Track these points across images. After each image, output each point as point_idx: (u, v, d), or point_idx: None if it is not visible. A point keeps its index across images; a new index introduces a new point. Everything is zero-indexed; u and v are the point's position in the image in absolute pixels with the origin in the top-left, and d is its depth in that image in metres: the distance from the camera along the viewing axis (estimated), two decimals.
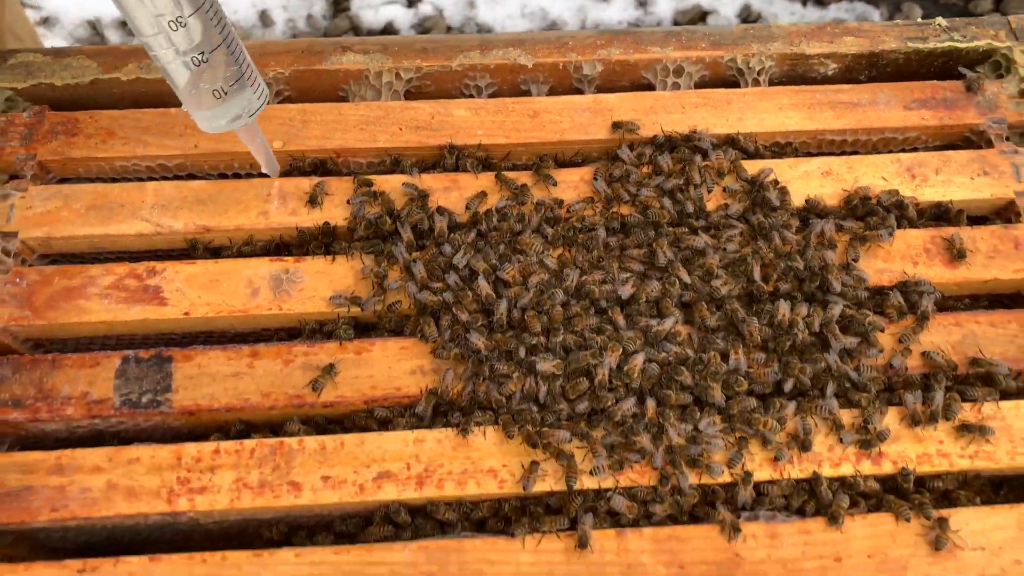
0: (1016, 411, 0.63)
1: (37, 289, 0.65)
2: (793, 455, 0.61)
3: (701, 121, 0.73)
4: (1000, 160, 0.72)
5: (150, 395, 0.62)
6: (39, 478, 0.59)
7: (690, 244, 0.65)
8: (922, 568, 0.58)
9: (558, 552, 0.58)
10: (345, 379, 0.63)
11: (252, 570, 0.56)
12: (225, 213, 0.69)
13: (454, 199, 0.70)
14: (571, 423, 0.61)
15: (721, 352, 0.62)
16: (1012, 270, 0.68)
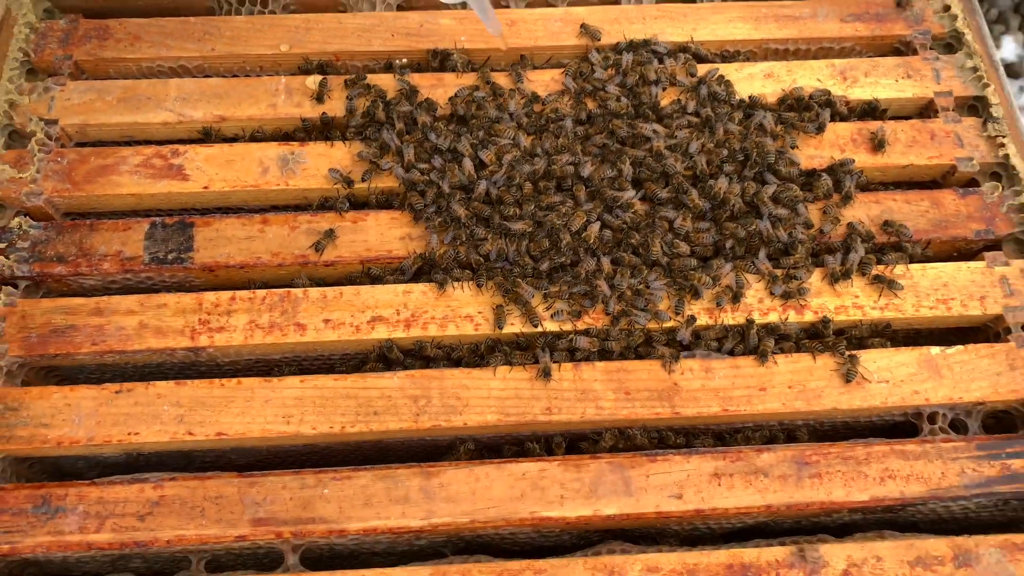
0: (922, 272, 0.72)
1: (76, 167, 0.75)
2: (728, 306, 0.70)
3: (660, 31, 0.83)
4: (923, 65, 0.82)
5: (175, 253, 0.72)
6: (81, 319, 0.69)
7: (641, 131, 0.75)
8: (834, 397, 0.68)
9: (524, 380, 0.68)
10: (343, 243, 0.73)
11: (263, 393, 0.67)
12: (239, 105, 0.78)
13: (439, 95, 0.79)
14: (535, 279, 0.70)
15: (668, 218, 0.72)
16: (927, 156, 0.77)
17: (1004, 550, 0.63)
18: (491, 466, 0.65)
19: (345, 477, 0.64)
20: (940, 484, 0.65)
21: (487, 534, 0.65)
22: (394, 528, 0.63)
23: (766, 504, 0.64)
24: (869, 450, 0.66)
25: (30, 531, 0.62)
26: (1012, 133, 0.78)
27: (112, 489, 0.64)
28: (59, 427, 0.65)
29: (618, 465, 0.65)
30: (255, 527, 0.63)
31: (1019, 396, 0.68)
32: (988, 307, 0.71)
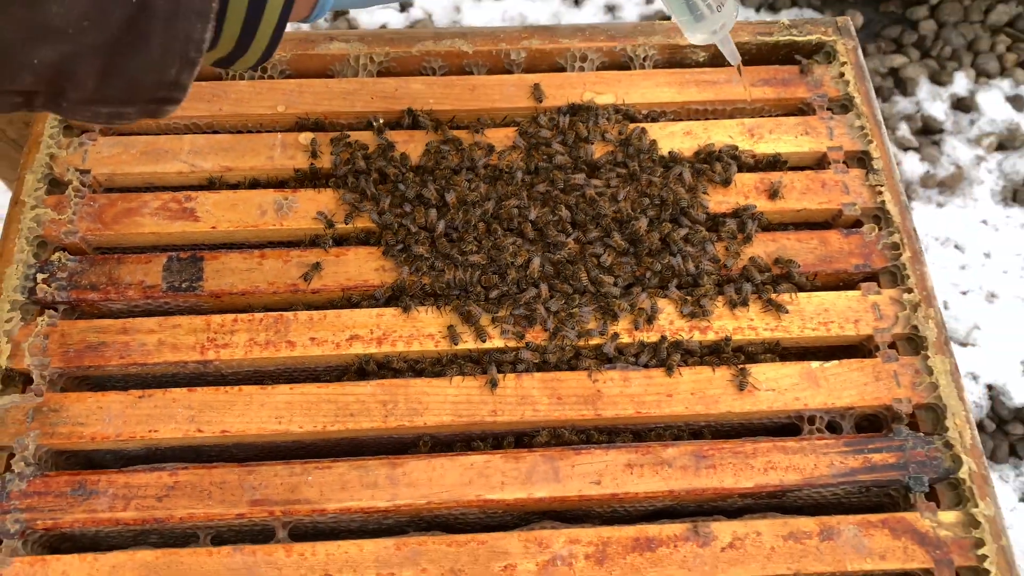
0: (808, 299, 0.87)
1: (105, 209, 0.90)
2: (644, 326, 0.85)
3: (598, 94, 0.98)
4: (819, 124, 0.97)
5: (187, 283, 0.87)
6: (110, 336, 0.84)
7: (575, 181, 0.90)
8: (728, 402, 0.82)
9: (474, 388, 0.82)
10: (328, 274, 0.87)
11: (259, 398, 0.81)
12: (242, 157, 0.93)
13: (411, 149, 0.94)
14: (486, 303, 0.85)
15: (596, 254, 0.87)
16: (818, 202, 0.92)
17: (860, 527, 0.77)
18: (445, 458, 0.79)
19: (326, 467, 0.79)
20: (813, 474, 0.79)
21: (442, 514, 0.79)
22: (365, 508, 0.77)
23: (669, 489, 0.78)
24: (756, 446, 0.81)
25: (69, 510, 0.77)
26: (889, 183, 0.93)
27: (136, 476, 0.78)
28: (93, 425, 0.80)
29: (550, 457, 0.80)
30: (252, 507, 0.77)
31: (882, 402, 0.83)
32: (861, 329, 0.86)
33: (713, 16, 0.75)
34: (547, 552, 0.75)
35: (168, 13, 0.45)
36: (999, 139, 2.15)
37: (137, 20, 0.45)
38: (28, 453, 0.78)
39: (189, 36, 0.47)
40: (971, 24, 2.30)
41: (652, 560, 0.75)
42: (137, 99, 0.50)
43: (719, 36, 0.77)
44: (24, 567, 0.74)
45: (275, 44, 0.54)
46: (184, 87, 0.50)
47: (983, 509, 0.77)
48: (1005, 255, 2.03)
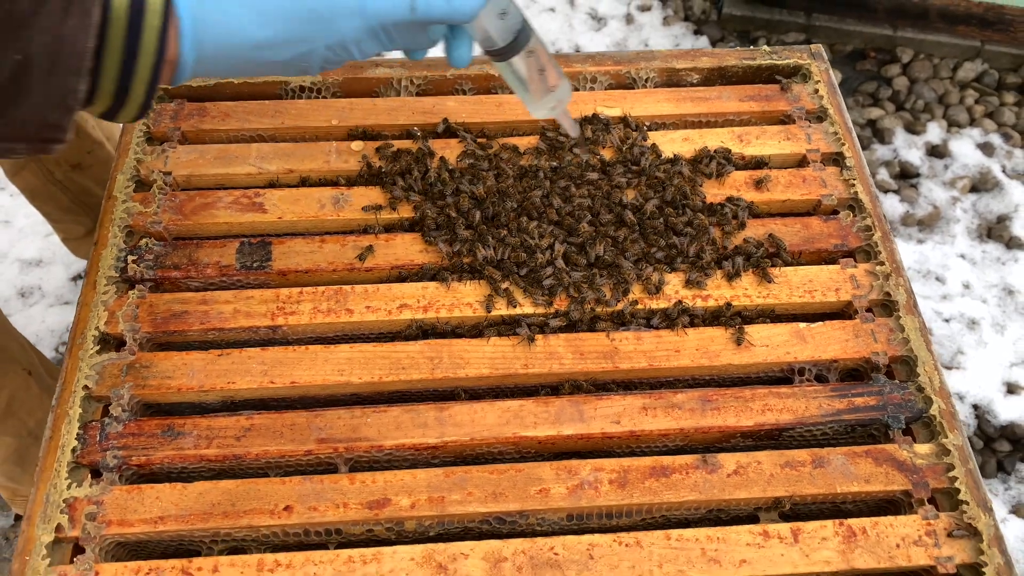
0: (794, 272, 1.00)
1: (185, 204, 1.04)
2: (654, 295, 0.98)
3: (607, 108, 1.14)
4: (799, 131, 1.13)
5: (258, 263, 1.00)
6: (192, 306, 0.97)
7: (590, 176, 1.05)
8: (728, 356, 0.95)
9: (508, 347, 0.95)
10: (379, 255, 1.01)
11: (323, 355, 0.93)
12: (302, 161, 1.08)
13: (448, 153, 1.09)
14: (517, 277, 0.99)
15: (610, 235, 1.01)
16: (800, 194, 1.07)
17: (847, 456, 0.89)
18: (485, 403, 0.91)
19: (382, 411, 0.91)
20: (804, 414, 0.92)
21: (483, 452, 0.91)
22: (417, 445, 0.89)
23: (679, 428, 0.90)
24: (754, 392, 0.93)
25: (159, 448, 0.88)
26: (860, 177, 1.08)
27: (217, 420, 0.90)
28: (178, 379, 0.92)
29: (575, 402, 0.92)
30: (319, 444, 0.89)
31: (862, 355, 0.95)
32: (841, 296, 0.99)
33: (547, 97, 0.82)
34: (576, 478, 0.87)
35: (47, 68, 0.55)
36: (972, 182, 2.32)
37: (20, 74, 0.54)
38: (123, 402, 0.90)
39: (66, 88, 0.56)
40: (941, 80, 2.50)
41: (667, 484, 0.87)
42: (24, 138, 0.59)
43: (556, 112, 0.84)
44: (122, 494, 0.85)
45: (150, 101, 0.63)
46: (65, 129, 0.59)
47: (952, 440, 0.89)
48: (982, 286, 2.17)
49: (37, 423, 1.41)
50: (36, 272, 2.19)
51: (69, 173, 1.75)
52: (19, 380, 1.36)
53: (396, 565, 0.82)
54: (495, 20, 0.74)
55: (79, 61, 0.55)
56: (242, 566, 0.81)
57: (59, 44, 0.54)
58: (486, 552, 0.82)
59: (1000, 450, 1.96)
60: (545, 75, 0.81)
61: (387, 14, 0.67)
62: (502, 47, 0.77)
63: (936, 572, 0.83)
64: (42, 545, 0.82)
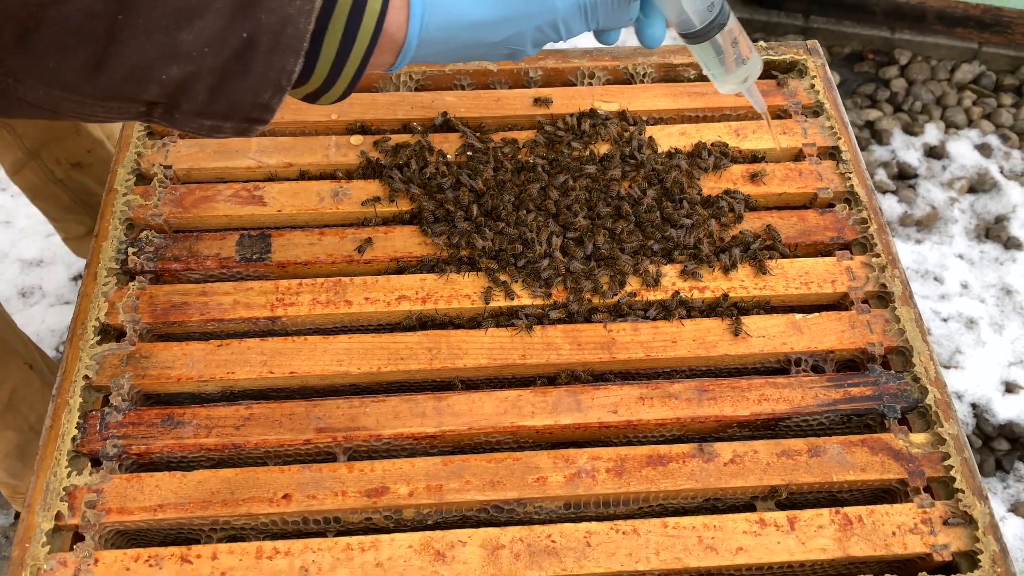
0: (791, 264, 1.01)
1: (185, 197, 1.05)
2: (651, 287, 0.99)
3: (605, 103, 1.14)
4: (795, 125, 1.13)
5: (258, 255, 1.01)
6: (192, 298, 0.97)
7: (588, 170, 1.05)
8: (725, 346, 0.95)
9: (506, 337, 0.95)
10: (378, 247, 1.02)
11: (322, 345, 0.94)
12: (302, 155, 1.09)
13: (446, 147, 1.10)
14: (514, 269, 0.99)
15: (607, 228, 1.01)
16: (796, 187, 1.08)
17: (843, 445, 0.89)
18: (483, 393, 0.92)
19: (380, 400, 0.91)
20: (800, 404, 0.92)
21: (481, 440, 0.91)
22: (415, 434, 0.90)
23: (676, 417, 0.91)
24: (750, 382, 0.93)
25: (159, 437, 0.89)
26: (856, 171, 1.09)
27: (216, 409, 0.90)
28: (178, 369, 0.93)
29: (573, 392, 0.92)
30: (318, 434, 0.89)
31: (858, 346, 0.96)
32: (837, 287, 1.00)
33: (740, 69, 0.81)
34: (573, 467, 0.87)
35: (269, 47, 0.57)
36: (970, 182, 2.33)
37: (244, 50, 0.57)
38: (123, 392, 0.91)
39: (283, 67, 0.59)
40: (938, 82, 2.51)
41: (664, 473, 0.87)
42: (235, 116, 0.62)
43: (747, 86, 0.84)
44: (122, 483, 0.86)
45: (355, 84, 0.66)
46: (272, 110, 0.62)
47: (948, 429, 0.90)
48: (981, 286, 2.17)
49: (38, 418, 1.41)
50: (37, 272, 2.19)
51: (70, 172, 1.76)
52: (21, 374, 1.37)
53: (394, 552, 0.82)
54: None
55: (299, 42, 0.57)
56: (241, 553, 0.82)
57: (283, 24, 0.56)
58: (484, 539, 0.83)
59: (999, 449, 1.97)
60: (738, 47, 0.79)
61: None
62: (700, 28, 0.76)
63: (932, 560, 0.83)
64: (42, 532, 0.82)
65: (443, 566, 0.81)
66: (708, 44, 0.78)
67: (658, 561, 0.82)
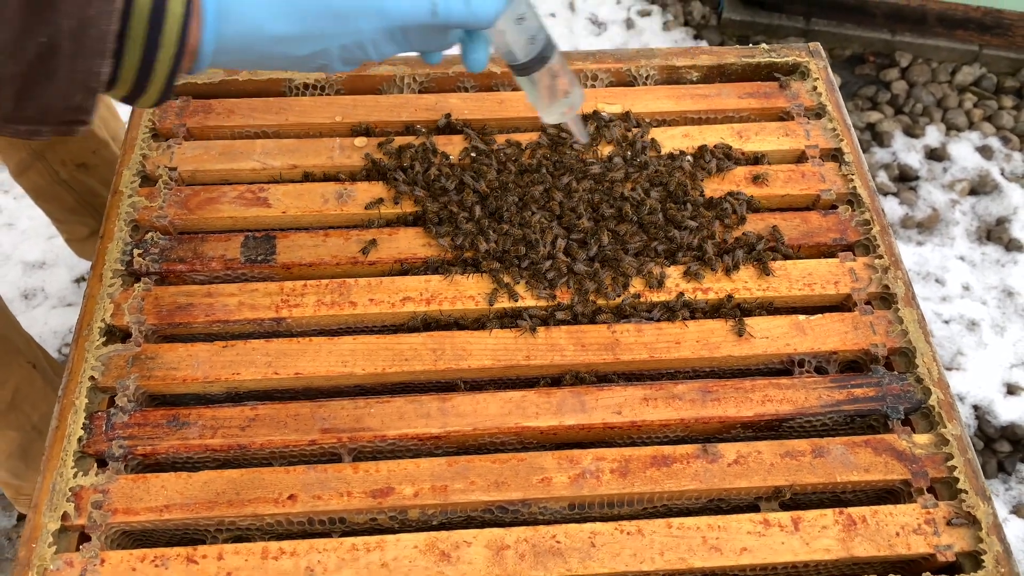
0: (794, 265, 1.01)
1: (190, 198, 1.05)
2: (655, 289, 0.99)
3: (608, 105, 1.15)
4: (797, 127, 1.14)
5: (262, 256, 1.01)
6: (197, 299, 0.98)
7: (592, 171, 1.06)
8: (728, 347, 0.96)
9: (510, 338, 0.96)
10: (383, 248, 1.02)
11: (327, 346, 0.94)
12: (306, 157, 1.09)
13: (450, 149, 1.10)
14: (518, 270, 0.99)
15: (611, 229, 1.02)
16: (799, 189, 1.08)
17: (847, 446, 0.90)
18: (487, 394, 0.92)
19: (385, 401, 0.91)
20: (804, 405, 0.92)
21: (485, 441, 0.92)
22: (420, 435, 0.90)
23: (680, 418, 0.91)
24: (754, 383, 0.94)
25: (165, 438, 0.89)
26: (859, 172, 1.09)
27: (221, 410, 0.91)
28: (184, 370, 0.93)
29: (577, 393, 0.92)
30: (323, 434, 0.89)
31: (861, 347, 0.96)
32: (840, 288, 1.00)
33: (561, 101, 0.83)
34: (577, 467, 0.88)
35: (72, 51, 0.57)
36: (971, 184, 2.33)
37: (46, 55, 0.56)
38: (129, 393, 0.91)
39: (90, 70, 0.58)
40: (939, 84, 2.52)
41: (668, 474, 0.87)
42: (49, 120, 0.60)
43: (568, 117, 0.83)
44: (128, 483, 0.86)
45: (169, 88, 0.64)
46: (88, 111, 0.61)
47: (951, 430, 0.90)
48: (982, 288, 2.18)
49: (41, 417, 1.41)
50: (39, 274, 2.20)
51: (75, 173, 1.76)
52: (24, 373, 1.37)
53: (400, 553, 0.82)
54: (515, 30, 0.75)
55: (102, 44, 0.57)
56: (247, 554, 0.82)
57: (83, 27, 0.56)
58: (489, 540, 0.83)
59: (1000, 450, 1.97)
60: (558, 81, 0.81)
61: (407, 16, 0.67)
62: (524, 63, 0.78)
63: (935, 560, 0.83)
64: (48, 533, 0.82)
65: (448, 566, 0.82)
66: (530, 77, 0.80)
67: (663, 561, 0.82)
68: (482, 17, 0.70)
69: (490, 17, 0.70)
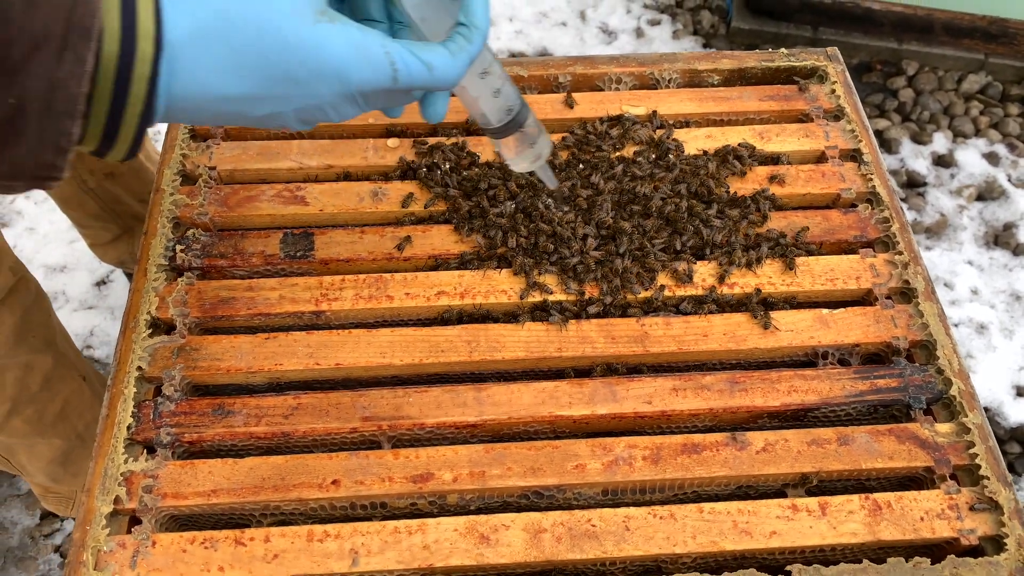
0: (816, 262, 1.05)
1: (230, 196, 1.09)
2: (683, 284, 1.02)
3: (632, 107, 1.18)
4: (817, 128, 1.17)
5: (301, 252, 1.04)
6: (239, 293, 1.01)
7: (617, 171, 1.09)
8: (755, 340, 0.99)
9: (542, 331, 0.99)
10: (417, 245, 1.05)
11: (366, 338, 0.97)
12: (341, 157, 1.13)
13: (480, 150, 1.14)
14: (548, 265, 1.03)
15: (639, 226, 1.05)
16: (820, 188, 1.11)
17: (871, 435, 0.92)
18: (521, 384, 0.95)
19: (423, 391, 0.94)
20: (828, 395, 0.95)
21: (520, 429, 0.94)
22: (457, 423, 0.93)
23: (709, 408, 0.94)
24: (780, 374, 0.97)
25: (211, 426, 0.92)
26: (877, 172, 1.12)
27: (265, 399, 0.94)
28: (227, 360, 0.96)
29: (608, 383, 0.95)
30: (363, 422, 0.92)
31: (883, 339, 0.99)
32: (862, 284, 1.03)
33: (528, 151, 0.81)
34: (611, 454, 0.90)
35: (40, 112, 0.55)
36: (978, 190, 2.36)
37: (15, 117, 0.55)
38: (175, 383, 0.94)
39: (59, 130, 0.57)
40: (946, 92, 2.55)
41: (698, 461, 0.90)
42: (22, 176, 0.59)
43: (536, 165, 0.82)
44: (176, 469, 0.89)
45: (138, 144, 0.63)
46: (61, 168, 0.59)
47: (972, 419, 0.93)
48: (990, 292, 2.21)
49: (86, 426, 1.45)
50: (60, 277, 2.23)
51: (102, 182, 1.80)
52: (75, 385, 1.41)
53: (440, 535, 0.85)
54: (488, 99, 0.75)
55: (72, 105, 0.56)
56: (292, 536, 0.85)
57: (53, 89, 0.55)
58: (527, 523, 0.86)
59: (1010, 452, 1.99)
60: (529, 136, 0.80)
61: (367, 83, 0.65)
62: (497, 127, 0.78)
63: (959, 544, 0.86)
64: (102, 516, 0.85)
65: (488, 548, 0.84)
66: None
67: (695, 544, 0.85)
68: (446, 81, 0.67)
69: (453, 80, 0.68)
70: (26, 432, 1.39)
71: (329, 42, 0.63)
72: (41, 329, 1.37)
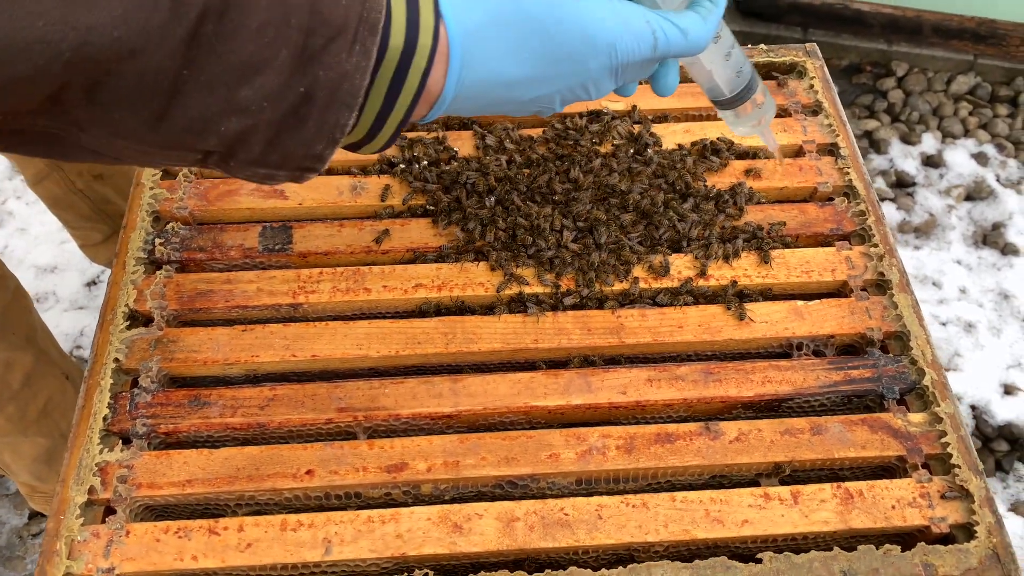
0: (792, 254, 1.05)
1: (209, 191, 1.09)
2: (659, 276, 1.03)
3: (611, 102, 1.19)
4: (795, 123, 1.18)
5: (280, 245, 1.05)
6: (217, 286, 1.01)
7: (595, 164, 1.10)
8: (729, 331, 0.99)
9: (518, 323, 0.99)
10: (395, 238, 1.06)
11: (343, 330, 0.98)
12: None
13: (459, 144, 1.14)
14: (525, 257, 1.03)
15: (616, 219, 1.05)
16: (797, 182, 1.12)
17: (844, 424, 0.93)
18: (497, 375, 0.96)
19: (399, 382, 0.95)
20: (802, 385, 0.96)
21: (495, 420, 0.95)
22: (432, 414, 0.93)
23: (683, 398, 0.95)
24: (754, 365, 0.97)
25: (187, 417, 0.92)
26: (854, 166, 1.13)
27: (241, 391, 0.94)
28: (204, 352, 0.96)
29: (583, 374, 0.96)
30: (339, 413, 0.93)
31: (857, 331, 0.99)
32: (837, 276, 1.04)
33: (753, 112, 0.83)
34: (584, 444, 0.91)
35: (325, 102, 0.57)
36: (967, 190, 2.37)
37: (301, 105, 0.57)
38: (152, 374, 0.94)
39: (337, 121, 0.59)
40: (935, 92, 2.56)
41: (671, 450, 0.91)
42: (288, 165, 0.62)
43: (760, 129, 0.83)
44: (151, 459, 0.89)
45: (396, 136, 0.65)
46: (325, 160, 0.62)
47: (944, 408, 0.93)
48: (979, 291, 2.21)
49: (69, 425, 1.45)
50: (51, 278, 2.23)
51: (91, 183, 1.81)
52: (57, 383, 1.41)
53: (413, 524, 0.85)
54: (721, 64, 0.76)
55: (354, 98, 0.57)
56: (266, 526, 0.85)
57: (340, 80, 0.56)
58: (499, 512, 0.86)
59: (998, 450, 2.00)
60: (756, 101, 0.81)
61: (633, 53, 0.67)
62: (730, 97, 0.79)
63: (930, 532, 0.86)
64: (76, 506, 0.85)
65: (461, 537, 0.85)
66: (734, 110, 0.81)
67: (667, 533, 0.86)
68: (698, 46, 0.70)
69: (704, 44, 0.70)
70: (8, 430, 1.39)
71: (601, 15, 0.65)
72: (21, 326, 1.37)
